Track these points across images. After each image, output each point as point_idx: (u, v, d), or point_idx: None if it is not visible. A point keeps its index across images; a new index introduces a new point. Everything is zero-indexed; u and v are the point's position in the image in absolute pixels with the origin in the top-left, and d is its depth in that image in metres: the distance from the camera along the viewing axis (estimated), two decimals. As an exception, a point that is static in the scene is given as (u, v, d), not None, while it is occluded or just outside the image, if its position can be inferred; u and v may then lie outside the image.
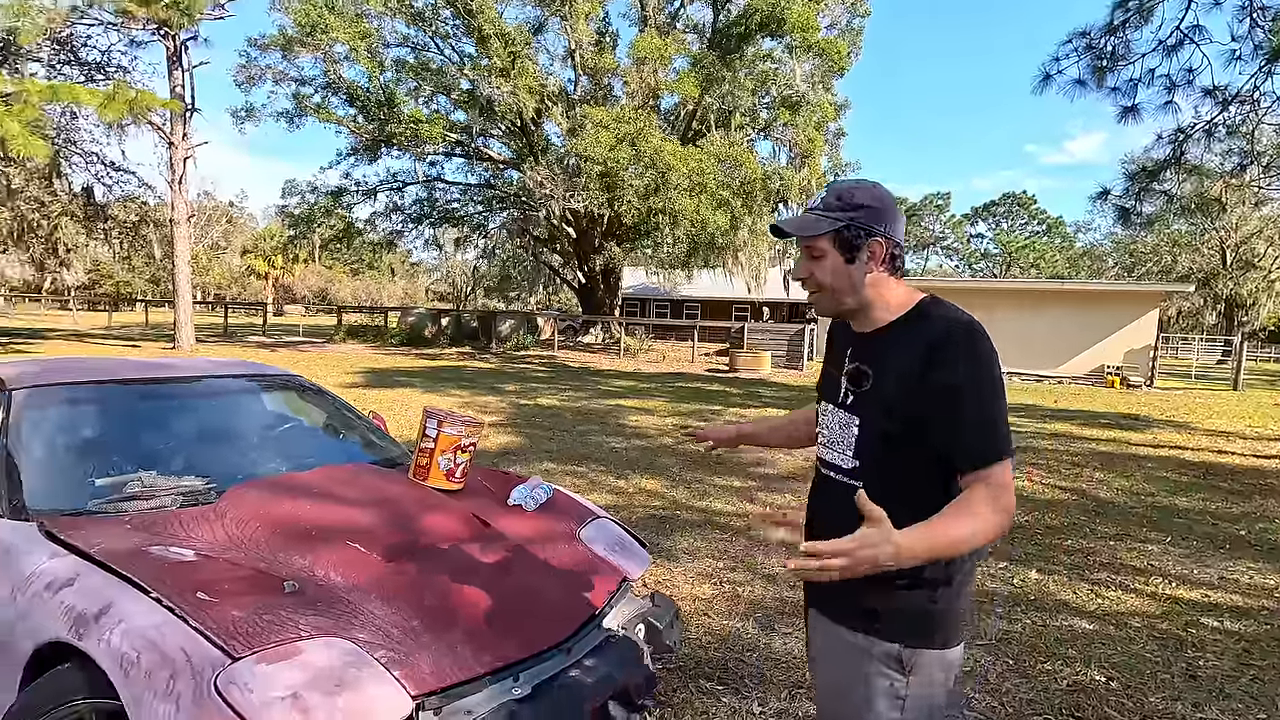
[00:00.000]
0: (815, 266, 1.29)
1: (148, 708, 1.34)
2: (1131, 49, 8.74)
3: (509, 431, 7.60)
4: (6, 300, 38.91)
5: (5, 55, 15.25)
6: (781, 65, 19.44)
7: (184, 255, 15.85)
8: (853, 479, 1.28)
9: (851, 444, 1.29)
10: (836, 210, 1.26)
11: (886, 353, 1.25)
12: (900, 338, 1.24)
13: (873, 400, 1.25)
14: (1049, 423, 9.92)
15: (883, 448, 1.24)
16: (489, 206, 24.61)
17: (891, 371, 1.23)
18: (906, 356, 1.21)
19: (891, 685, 1.23)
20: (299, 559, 1.85)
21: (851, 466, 1.29)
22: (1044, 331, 18.87)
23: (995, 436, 1.15)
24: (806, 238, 1.29)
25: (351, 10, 17.39)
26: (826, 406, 1.38)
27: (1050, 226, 55.67)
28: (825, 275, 1.28)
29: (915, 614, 1.23)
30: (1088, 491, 5.80)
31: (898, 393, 1.21)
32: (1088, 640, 3.02)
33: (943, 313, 1.23)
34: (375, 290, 54.38)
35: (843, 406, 1.31)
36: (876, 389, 1.25)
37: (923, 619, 1.23)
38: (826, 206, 1.28)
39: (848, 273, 1.27)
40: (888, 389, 1.23)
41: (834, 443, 1.34)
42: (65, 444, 2.30)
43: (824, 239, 1.27)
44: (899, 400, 1.20)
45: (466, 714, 1.56)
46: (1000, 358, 1.18)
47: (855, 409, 1.29)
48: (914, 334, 1.23)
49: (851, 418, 1.29)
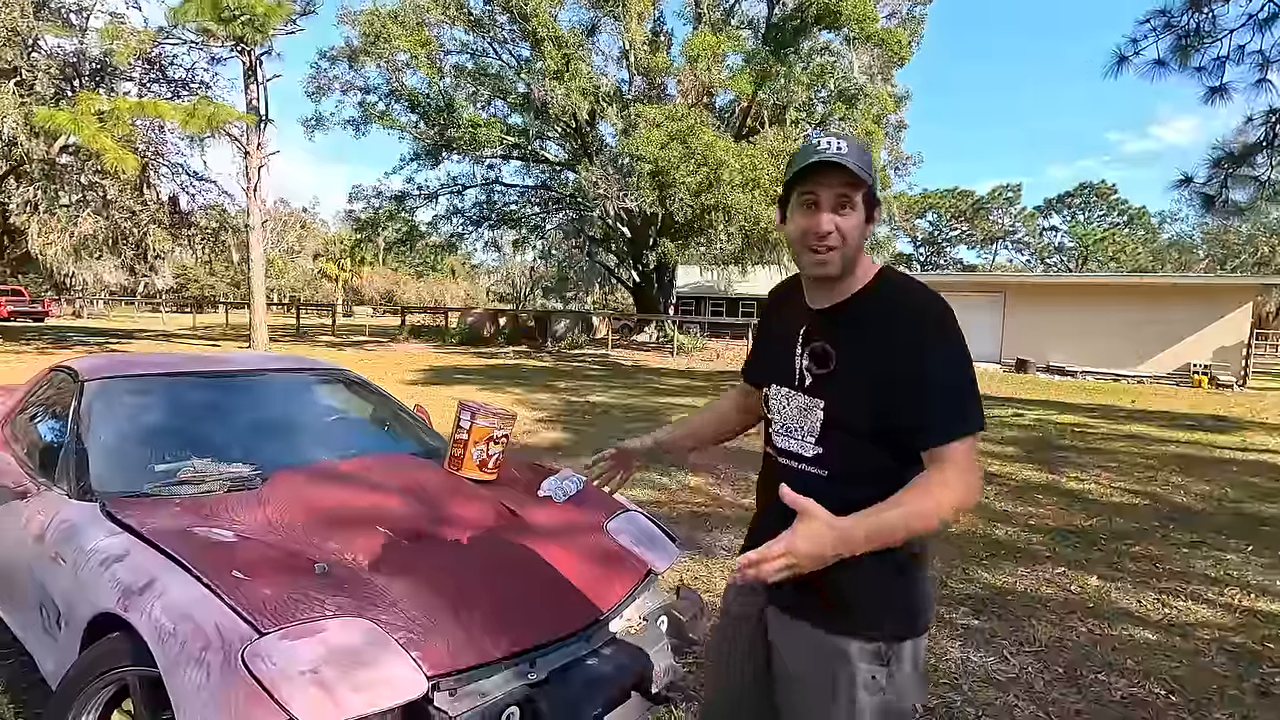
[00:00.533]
0: (843, 220, 1.13)
1: (180, 675, 1.42)
2: (1218, 25, 8.17)
3: (559, 428, 7.70)
4: (105, 304, 41.94)
5: (103, 76, 16.44)
6: (840, 58, 19.03)
7: (259, 259, 16.70)
8: (817, 467, 1.20)
9: (814, 430, 1.20)
10: (860, 162, 1.11)
11: (852, 330, 1.17)
12: (865, 313, 1.16)
13: (839, 382, 1.16)
14: (1125, 424, 9.37)
15: (850, 432, 1.16)
16: (546, 208, 25.01)
17: (858, 350, 1.15)
18: (874, 333, 1.14)
19: (873, 679, 1.17)
20: (332, 542, 1.93)
21: (814, 454, 1.20)
22: (1122, 328, 17.83)
23: (964, 410, 1.09)
24: (848, 185, 1.11)
25: (413, 19, 17.97)
26: (779, 390, 1.27)
27: (1132, 217, 52.50)
28: (851, 231, 1.14)
29: (891, 603, 1.18)
30: (1163, 496, 5.46)
31: (867, 373, 1.13)
32: (1149, 651, 2.84)
33: (907, 286, 1.17)
34: (439, 291, 55.98)
35: (802, 389, 1.22)
36: (843, 370, 1.16)
37: (899, 608, 1.19)
38: (860, 158, 1.11)
39: (863, 233, 1.16)
40: (856, 370, 1.15)
41: (791, 429, 1.24)
42: (129, 431, 2.47)
43: (861, 191, 1.13)
44: (869, 381, 1.12)
45: (481, 696, 1.59)
46: (1073, 356, 1.11)
47: (818, 392, 1.19)
48: (880, 310, 1.15)
49: (814, 401, 1.19)
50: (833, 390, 1.18)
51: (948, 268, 52.52)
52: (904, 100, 21.98)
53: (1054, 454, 7.02)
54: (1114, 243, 50.55)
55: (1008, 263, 54.88)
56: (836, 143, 1.12)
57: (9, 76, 14.25)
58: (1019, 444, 7.52)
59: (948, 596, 3.34)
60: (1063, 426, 8.82)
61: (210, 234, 19.19)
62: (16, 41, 14.33)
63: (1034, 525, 4.58)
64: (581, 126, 19.91)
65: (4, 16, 14.00)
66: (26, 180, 15.00)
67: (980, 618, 3.13)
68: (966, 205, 53.83)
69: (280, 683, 1.38)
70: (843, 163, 1.10)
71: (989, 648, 2.84)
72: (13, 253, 17.10)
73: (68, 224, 15.31)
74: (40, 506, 2.14)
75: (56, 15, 15.49)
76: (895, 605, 1.19)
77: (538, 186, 24.75)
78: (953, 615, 3.13)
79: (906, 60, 18.66)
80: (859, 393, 1.14)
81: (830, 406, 1.17)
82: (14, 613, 2.18)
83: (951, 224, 55.15)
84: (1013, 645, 2.87)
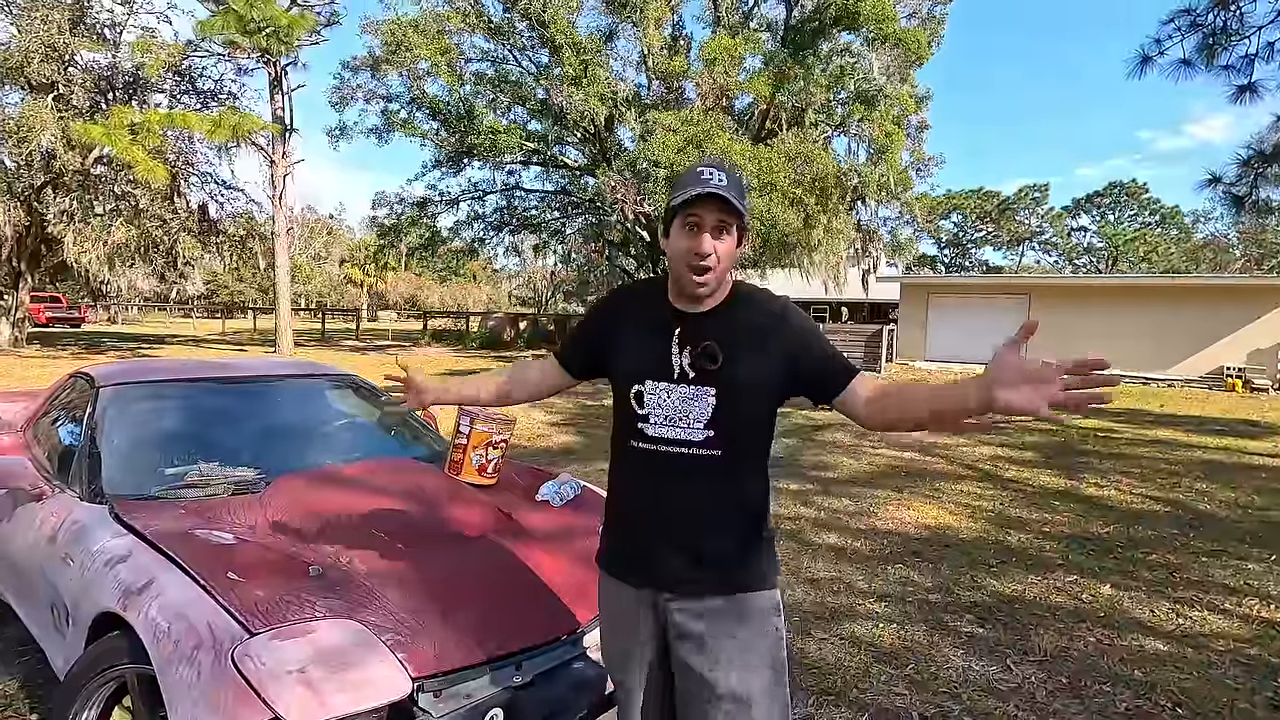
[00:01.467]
0: (720, 244, 1.30)
1: (173, 673, 1.47)
2: (1246, 22, 7.98)
3: (572, 431, 7.75)
4: (139, 310, 43.06)
5: (135, 89, 16.92)
6: (859, 59, 18.88)
7: (284, 265, 17.05)
8: (708, 449, 1.33)
9: (704, 416, 1.33)
10: (736, 191, 1.27)
11: (734, 329, 1.35)
12: (740, 314, 1.37)
13: (730, 373, 1.32)
14: (1151, 428, 9.16)
15: (739, 413, 1.33)
16: (566, 213, 25.12)
17: (745, 344, 1.33)
18: (753, 329, 1.34)
19: (778, 629, 1.38)
20: (328, 545, 1.98)
21: (704, 437, 1.33)
22: (1152, 330, 17.44)
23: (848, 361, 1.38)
24: (726, 212, 1.29)
25: (434, 28, 18.20)
26: (655, 385, 1.36)
27: (1165, 217, 51.27)
28: (726, 254, 1.31)
29: (774, 555, 1.43)
30: (1185, 503, 5.33)
31: (757, 360, 1.33)
32: (1159, 662, 2.79)
33: (757, 294, 1.41)
34: (461, 296, 56.57)
35: (686, 382, 1.34)
36: (733, 361, 1.32)
37: (774, 564, 1.42)
38: (731, 186, 1.27)
39: (732, 255, 1.33)
40: (746, 359, 1.33)
41: (674, 419, 1.35)
42: (141, 435, 2.55)
43: (736, 220, 1.31)
44: (758, 366, 1.33)
45: (465, 698, 1.62)
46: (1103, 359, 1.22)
47: (706, 382, 1.33)
48: (750, 310, 1.37)
49: (703, 390, 1.33)
50: (724, 380, 1.33)
51: (972, 269, 51.74)
52: (925, 101, 21.70)
53: (1074, 460, 6.89)
54: (1145, 243, 49.42)
55: (1035, 264, 53.93)
56: (719, 174, 1.28)
57: (47, 91, 14.74)
58: (1038, 449, 7.40)
59: (953, 604, 3.30)
60: (1085, 431, 8.65)
61: (238, 241, 19.63)
62: (54, 57, 14.81)
63: (1048, 532, 4.51)
64: (600, 131, 20.00)
65: (42, 33, 14.49)
66: (63, 191, 15.48)
67: (985, 626, 3.09)
68: (992, 206, 53.01)
69: (268, 682, 1.42)
70: (723, 194, 1.26)
71: (992, 656, 2.81)
72: (50, 261, 17.63)
73: (101, 233, 15.77)
74: (54, 508, 2.22)
75: (91, 31, 15.98)
76: (774, 559, 1.43)
77: (557, 191, 24.88)
78: (956, 623, 3.10)
79: (925, 60, 18.44)
80: (754, 376, 1.34)
81: (724, 394, 1.33)
82: (29, 611, 2.27)
83: (976, 225, 54.34)
84: (1016, 654, 2.83)
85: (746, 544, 1.37)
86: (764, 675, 1.34)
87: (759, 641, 1.34)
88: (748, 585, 1.36)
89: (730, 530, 1.36)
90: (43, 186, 15.56)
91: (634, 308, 1.47)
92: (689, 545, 1.36)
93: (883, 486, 5.50)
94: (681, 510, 1.36)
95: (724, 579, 1.35)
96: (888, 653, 2.82)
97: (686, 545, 1.36)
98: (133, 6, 16.75)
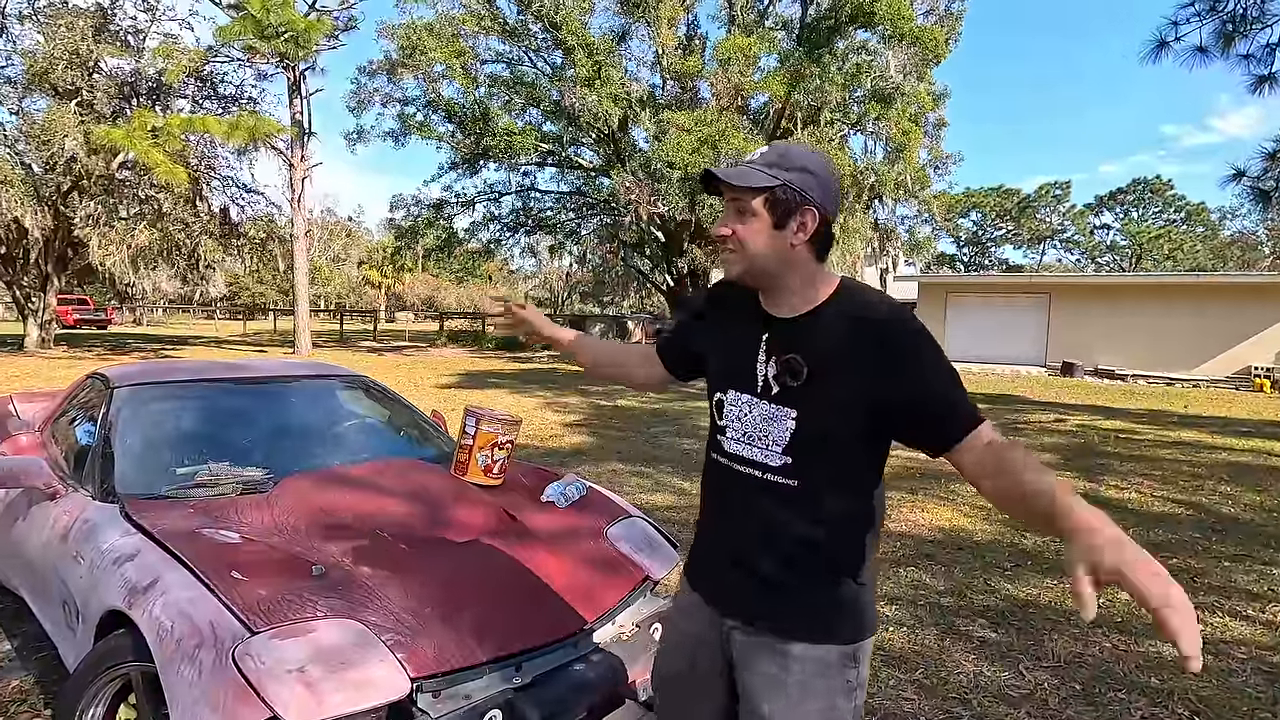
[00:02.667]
0: (740, 224, 1.17)
1: (175, 671, 1.49)
2: (1268, 10, 7.80)
3: (584, 431, 7.75)
4: (164, 311, 43.80)
5: (158, 94, 17.21)
6: (876, 57, 18.73)
7: (302, 267, 17.27)
8: (784, 477, 1.18)
9: (783, 440, 1.17)
10: (775, 168, 1.14)
11: (825, 342, 1.15)
12: (836, 325, 1.15)
13: (815, 395, 1.14)
14: (1174, 430, 8.98)
15: (827, 442, 1.16)
16: (581, 213, 25.18)
17: (837, 363, 1.13)
18: (850, 341, 1.13)
19: (847, 682, 1.20)
20: (332, 545, 1.99)
21: (781, 464, 1.18)
22: (1176, 330, 17.11)
23: (973, 408, 1.11)
24: (736, 190, 1.16)
25: (448, 31, 18.34)
26: (737, 396, 1.24)
27: (1190, 214, 50.26)
28: (750, 237, 1.16)
29: (856, 610, 1.21)
30: (1208, 506, 5.22)
31: (849, 382, 1.12)
32: (1176, 669, 2.72)
33: (875, 297, 1.17)
34: (478, 297, 56.89)
35: (767, 398, 1.19)
36: (820, 383, 1.14)
37: (866, 610, 1.23)
38: (766, 163, 1.15)
39: (773, 239, 1.16)
40: (838, 379, 1.13)
41: (753, 437, 1.21)
42: (153, 435, 2.58)
43: (757, 197, 1.15)
44: (850, 390, 1.12)
45: (464, 698, 1.62)
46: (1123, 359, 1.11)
47: (789, 402, 1.17)
48: (851, 318, 1.15)
49: (784, 410, 1.17)
50: (809, 403, 1.16)
51: (992, 268, 51.10)
52: (943, 98, 21.50)
53: (1094, 461, 6.77)
54: (1170, 240, 48.50)
55: (1056, 262, 53.11)
56: (754, 155, 1.19)
57: (71, 97, 15.04)
58: (1058, 451, 7.28)
59: (965, 608, 3.26)
60: (1107, 433, 8.50)
61: (258, 244, 19.89)
62: (79, 64, 15.11)
63: (1065, 535, 4.43)
64: (614, 132, 20.02)
65: (67, 40, 14.79)
66: (88, 195, 15.80)
67: (998, 630, 3.04)
68: (1012, 204, 52.28)
69: (267, 681, 1.43)
70: (712, 171, 1.16)
71: (1004, 662, 2.76)
72: (77, 264, 17.98)
73: (126, 236, 16.07)
74: (67, 507, 2.26)
75: (115, 38, 16.28)
76: (858, 611, 1.22)
77: (572, 192, 24.95)
78: (969, 628, 3.05)
79: (943, 58, 18.25)
80: (844, 405, 1.13)
81: (806, 419, 1.16)
82: (43, 607, 2.30)
83: (996, 223, 53.65)
84: (1029, 660, 2.78)
85: (819, 589, 1.20)
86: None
87: (813, 699, 1.19)
88: (814, 635, 1.19)
89: (800, 570, 1.20)
90: (69, 191, 15.88)
91: (731, 303, 1.32)
92: (755, 576, 1.22)
93: (896, 488, 5.44)
94: (751, 538, 1.24)
95: (787, 622, 1.20)
96: (897, 656, 2.78)
97: (753, 575, 1.23)
98: (155, 13, 17.07)
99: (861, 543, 1.21)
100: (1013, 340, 19.08)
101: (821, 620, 1.20)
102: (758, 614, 1.23)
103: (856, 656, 1.20)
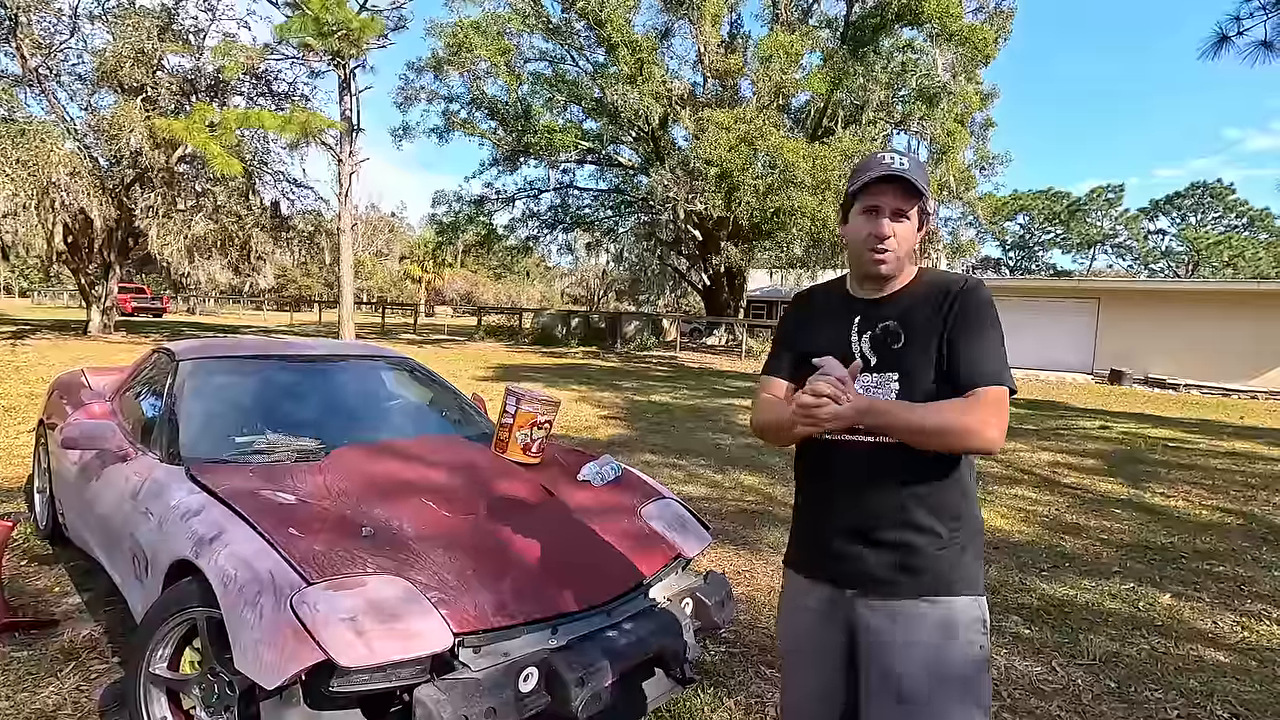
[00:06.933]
0: (900, 228, 1.30)
1: (237, 614, 1.60)
2: (1343, 5, 7.43)
3: (619, 425, 7.83)
4: (216, 301, 45.40)
5: (217, 90, 17.88)
6: (921, 56, 18.43)
7: (347, 260, 17.72)
8: (890, 440, 1.26)
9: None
10: (924, 180, 1.28)
11: (913, 308, 1.31)
12: (920, 294, 1.33)
13: (912, 355, 1.29)
14: (1227, 440, 8.66)
15: (924, 395, 1.27)
16: (619, 211, 25.32)
17: (925, 323, 1.29)
18: (930, 307, 1.30)
19: (977, 634, 1.28)
20: (379, 510, 2.09)
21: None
22: (1236, 339, 16.43)
23: (1004, 366, 1.26)
24: (905, 196, 1.28)
25: (494, 29, 18.64)
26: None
27: (1253, 220, 48.08)
28: (908, 237, 1.31)
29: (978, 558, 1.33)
30: (1259, 516, 5.04)
31: (934, 343, 1.27)
32: (1217, 672, 2.67)
33: (945, 272, 1.37)
34: (516, 293, 57.57)
35: (868, 370, 1.31)
36: (914, 344, 1.29)
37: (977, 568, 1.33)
38: (920, 173, 1.28)
39: (915, 240, 1.33)
40: (926, 342, 1.28)
41: None
42: (214, 405, 2.73)
43: (916, 204, 1.30)
44: (936, 345, 1.27)
45: (503, 655, 1.70)
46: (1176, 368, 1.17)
47: (890, 366, 1.30)
48: (935, 287, 1.32)
49: (886, 376, 1.30)
50: (907, 361, 1.30)
51: (1039, 272, 49.68)
52: (991, 98, 21.03)
53: (1140, 469, 6.58)
54: (1230, 247, 46.44)
55: (1107, 268, 51.39)
56: (899, 159, 1.29)
57: (137, 93, 15.71)
58: (1102, 456, 7.10)
59: (999, 604, 3.23)
60: (1155, 441, 8.24)
61: (306, 237, 20.49)
62: (144, 61, 15.79)
63: (1106, 539, 4.34)
64: (654, 130, 20.08)
65: (133, 39, 15.46)
66: (149, 187, 16.49)
67: (1032, 627, 3.01)
68: (1061, 207, 50.73)
69: (321, 626, 1.53)
70: (905, 176, 1.26)
71: (1037, 658, 2.74)
72: (136, 254, 18.78)
73: (183, 227, 16.73)
74: (137, 468, 2.41)
75: (178, 36, 16.95)
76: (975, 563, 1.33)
77: (611, 190, 25.10)
78: (1001, 622, 3.03)
79: (993, 57, 17.84)
80: (934, 358, 1.28)
81: (908, 376, 1.29)
82: (114, 561, 2.47)
83: (1044, 227, 52.15)
84: (1063, 657, 2.75)
85: (936, 544, 1.28)
86: (953, 687, 1.25)
87: (952, 652, 1.25)
88: (938, 590, 1.27)
89: (918, 529, 1.28)
90: (132, 183, 16.60)
91: (817, 302, 1.47)
92: (876, 543, 1.29)
93: (932, 488, 5.39)
94: (865, 506, 1.31)
95: (914, 580, 1.27)
96: (927, 648, 2.78)
97: (874, 543, 1.29)
98: (215, 12, 17.71)
99: (968, 495, 1.33)
100: (1058, 346, 18.53)
101: (950, 575, 1.28)
102: (890, 580, 1.29)
103: (981, 606, 1.30)
